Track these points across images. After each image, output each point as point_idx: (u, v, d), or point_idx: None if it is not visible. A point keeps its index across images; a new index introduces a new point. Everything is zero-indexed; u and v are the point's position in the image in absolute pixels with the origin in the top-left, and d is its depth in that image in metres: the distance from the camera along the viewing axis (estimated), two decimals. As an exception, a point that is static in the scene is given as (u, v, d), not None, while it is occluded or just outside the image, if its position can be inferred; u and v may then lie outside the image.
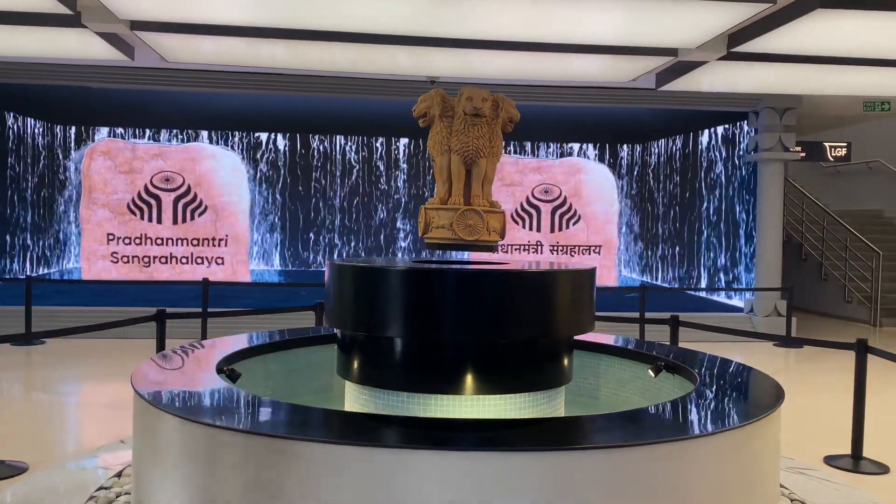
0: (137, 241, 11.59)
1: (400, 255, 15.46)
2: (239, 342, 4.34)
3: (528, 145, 15.62)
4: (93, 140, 14.41)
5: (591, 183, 12.75)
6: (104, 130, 14.62)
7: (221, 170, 11.88)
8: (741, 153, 11.68)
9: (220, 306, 9.40)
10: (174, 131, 14.81)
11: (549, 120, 12.33)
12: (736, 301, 11.84)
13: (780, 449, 3.28)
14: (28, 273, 12.61)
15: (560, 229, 12.72)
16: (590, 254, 12.79)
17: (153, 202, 11.68)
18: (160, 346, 5.45)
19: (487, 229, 3.98)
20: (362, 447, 2.54)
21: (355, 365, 3.62)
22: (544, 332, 3.44)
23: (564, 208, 12.73)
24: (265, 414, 2.97)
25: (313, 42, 7.46)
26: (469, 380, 3.36)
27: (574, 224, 12.73)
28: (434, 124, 4.07)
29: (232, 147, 14.95)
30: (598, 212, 12.76)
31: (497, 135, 4.06)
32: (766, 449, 3.00)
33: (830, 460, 4.85)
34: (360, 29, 7.01)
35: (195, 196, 11.77)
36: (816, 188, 15.97)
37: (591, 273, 3.65)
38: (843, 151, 12.47)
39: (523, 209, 12.68)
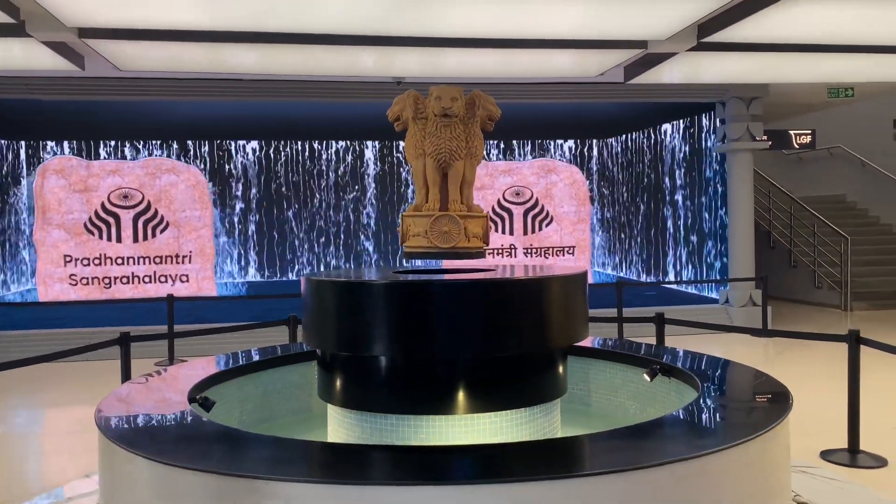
0: (97, 261, 11.14)
1: (375, 265, 15.19)
2: (210, 366, 4.07)
3: (492, 144, 15.47)
4: (45, 153, 13.89)
5: (562, 183, 12.68)
6: (64, 145, 14.08)
7: (182, 184, 11.50)
8: (710, 144, 11.67)
9: (187, 322, 9.07)
10: (136, 143, 14.33)
11: (519, 117, 12.18)
12: (711, 292, 11.83)
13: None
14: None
15: (533, 231, 12.62)
16: (563, 255, 12.71)
17: (111, 220, 11.22)
18: (125, 372, 5.14)
19: (466, 235, 3.76)
20: (349, 485, 2.32)
21: (338, 387, 3.39)
22: (540, 343, 3.25)
23: (536, 210, 12.63)
24: (242, 450, 2.72)
25: (275, 45, 7.18)
26: (462, 398, 3.15)
27: (547, 225, 12.64)
28: (409, 127, 3.85)
29: (196, 155, 14.53)
30: (570, 212, 12.69)
31: (475, 135, 3.85)
32: (781, 454, 2.85)
33: (827, 455, 4.75)
34: (322, 30, 6.76)
35: (156, 212, 11.35)
36: (779, 175, 16.11)
37: (583, 277, 3.46)
38: (808, 139, 12.56)
39: (495, 212, 12.55)
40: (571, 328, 3.37)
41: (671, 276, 13.02)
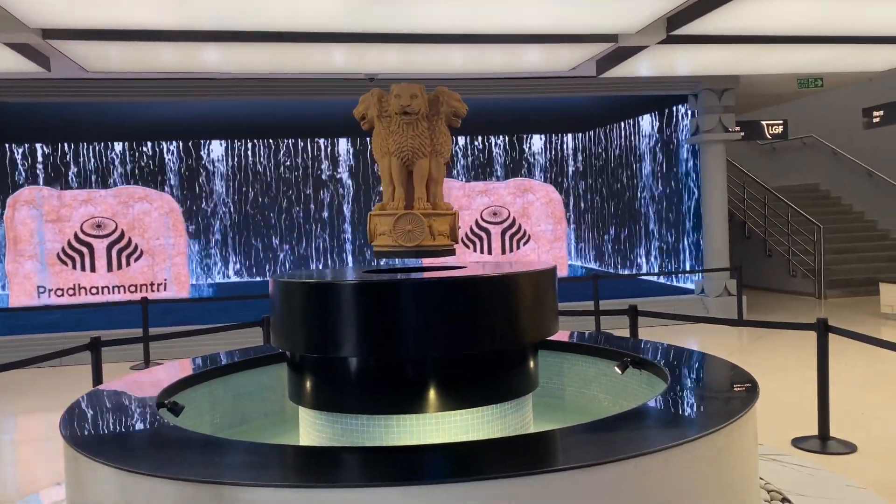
0: (71, 291, 11.10)
1: (348, 264, 15.16)
2: (180, 370, 4.03)
3: (469, 152, 15.48)
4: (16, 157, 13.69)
5: (539, 202, 12.86)
6: (36, 148, 13.86)
7: (155, 212, 11.58)
8: (683, 136, 11.76)
9: (163, 326, 8.98)
10: (107, 143, 14.15)
11: (494, 112, 12.20)
12: (686, 283, 11.93)
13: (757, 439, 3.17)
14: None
15: (511, 250, 12.75)
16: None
17: (85, 250, 11.25)
18: (96, 378, 5.08)
19: (431, 233, 3.73)
20: (320, 488, 2.31)
21: (308, 388, 3.37)
22: (509, 339, 3.25)
23: (514, 229, 12.77)
24: (210, 455, 2.70)
25: (244, 44, 7.12)
26: (432, 396, 3.15)
27: (524, 244, 12.77)
28: (375, 126, 3.83)
29: (169, 155, 14.40)
30: (546, 231, 12.85)
31: (440, 131, 3.82)
32: (748, 444, 2.88)
33: (798, 443, 4.81)
34: (292, 27, 6.71)
35: (129, 241, 11.41)
36: (754, 165, 16.28)
37: (552, 272, 3.47)
38: (780, 129, 12.68)
39: (473, 233, 12.65)
40: (541, 323, 3.37)
41: (647, 268, 13.12)
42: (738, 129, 11.25)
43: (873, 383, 6.54)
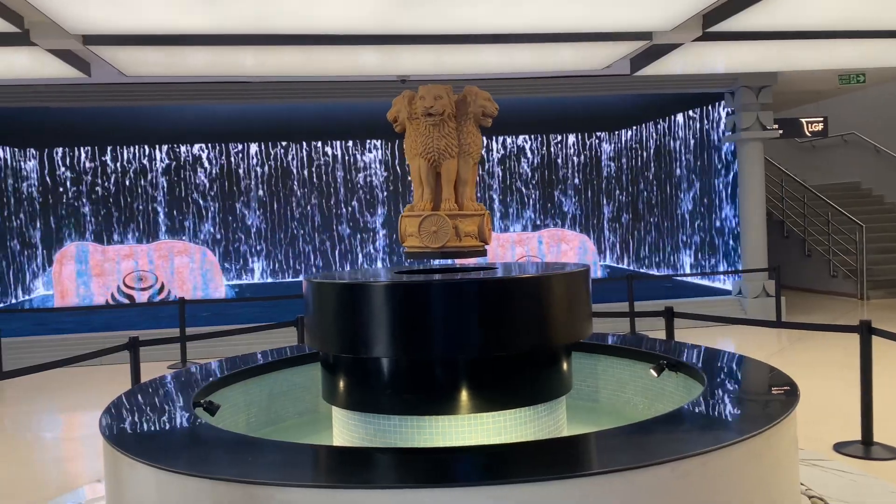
0: None
1: (380, 265, 15.23)
2: (215, 369, 4.08)
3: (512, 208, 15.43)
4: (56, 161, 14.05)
5: (572, 252, 12.92)
6: (78, 152, 14.19)
7: (193, 264, 12.09)
8: (720, 134, 11.57)
9: (202, 326, 9.11)
10: (144, 146, 14.42)
11: (526, 112, 12.14)
12: (724, 284, 11.73)
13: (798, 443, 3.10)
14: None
15: None
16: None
17: (127, 302, 11.78)
18: (135, 377, 5.17)
19: (458, 234, 3.70)
20: (353, 489, 2.31)
21: (341, 388, 3.38)
22: (543, 341, 3.22)
23: None
24: (245, 455, 2.72)
25: (280, 47, 7.19)
26: (465, 398, 3.14)
27: None
28: (406, 128, 3.83)
29: (205, 157, 14.64)
30: None
31: (469, 132, 3.77)
32: (787, 449, 2.81)
33: (841, 447, 4.69)
34: (325, 30, 6.76)
35: (169, 293, 11.96)
36: (793, 164, 15.95)
37: (585, 273, 3.43)
38: (820, 126, 12.40)
39: None
40: (574, 325, 3.34)
41: (684, 268, 12.94)
42: (776, 126, 11.02)
43: (919, 387, 6.35)
